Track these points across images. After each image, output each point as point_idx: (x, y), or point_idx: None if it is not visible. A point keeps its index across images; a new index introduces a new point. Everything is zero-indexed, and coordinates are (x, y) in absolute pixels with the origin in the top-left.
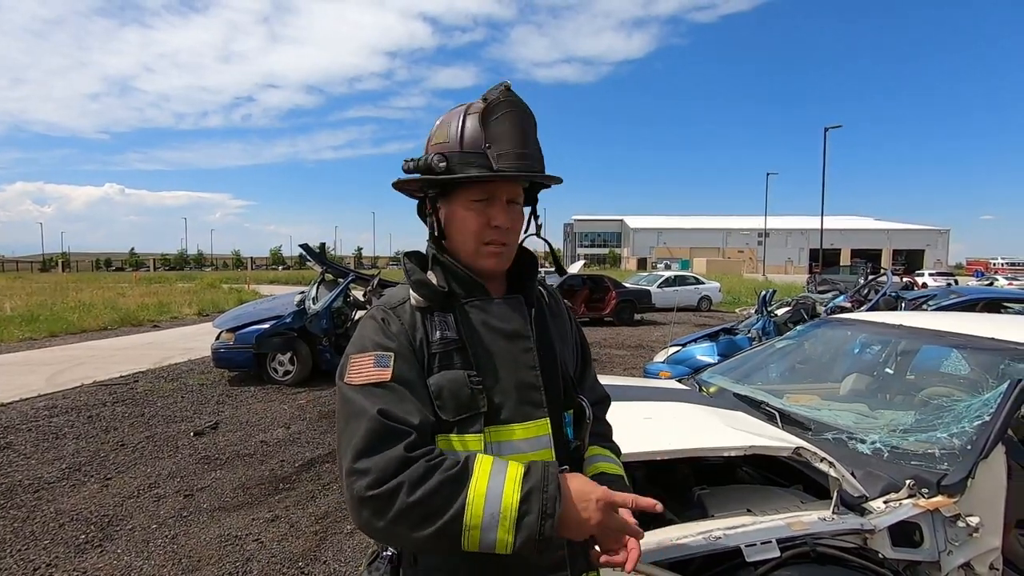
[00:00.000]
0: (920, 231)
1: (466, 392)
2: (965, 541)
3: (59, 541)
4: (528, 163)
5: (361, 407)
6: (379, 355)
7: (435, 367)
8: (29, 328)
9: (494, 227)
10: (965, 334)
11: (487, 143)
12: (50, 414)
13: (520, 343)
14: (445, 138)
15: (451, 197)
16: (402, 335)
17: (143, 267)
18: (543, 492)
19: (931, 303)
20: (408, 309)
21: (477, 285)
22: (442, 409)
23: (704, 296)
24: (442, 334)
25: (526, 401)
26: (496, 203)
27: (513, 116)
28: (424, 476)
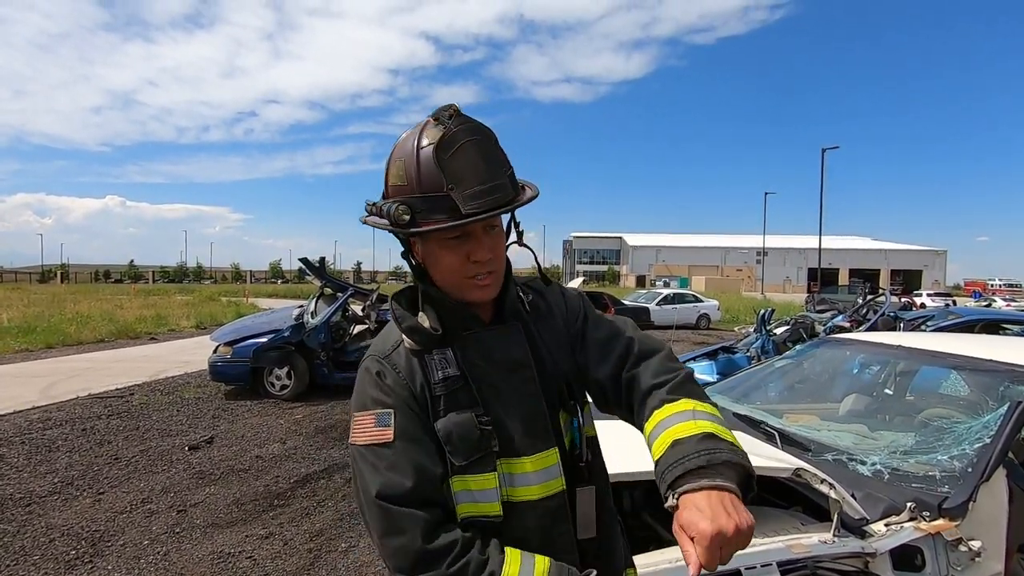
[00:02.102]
0: (917, 251)
1: (476, 434)
2: (967, 566)
3: (49, 556)
4: (498, 196)
5: (366, 480)
6: (379, 413)
7: (441, 410)
8: (25, 339)
9: (475, 262)
10: (964, 355)
11: (449, 184)
12: (44, 427)
13: (522, 373)
14: (403, 179)
15: (425, 236)
16: (399, 385)
17: (142, 279)
18: None
19: (930, 324)
20: (403, 353)
21: (472, 317)
22: (453, 454)
23: (703, 314)
24: (443, 373)
25: (533, 433)
26: (472, 238)
27: (472, 146)
28: None
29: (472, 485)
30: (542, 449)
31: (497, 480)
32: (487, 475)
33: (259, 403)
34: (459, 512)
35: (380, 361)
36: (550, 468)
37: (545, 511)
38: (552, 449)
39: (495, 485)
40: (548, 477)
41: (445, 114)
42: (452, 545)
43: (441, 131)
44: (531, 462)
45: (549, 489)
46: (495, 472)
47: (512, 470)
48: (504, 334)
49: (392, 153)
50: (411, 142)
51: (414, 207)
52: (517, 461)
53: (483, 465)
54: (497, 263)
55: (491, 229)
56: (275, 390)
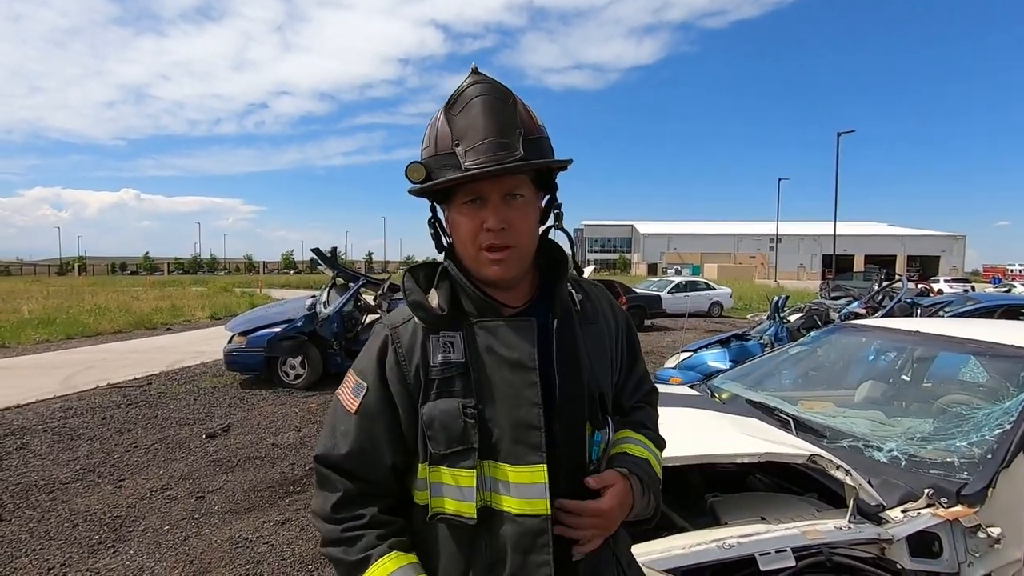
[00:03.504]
0: (935, 237)
1: (459, 425)
2: (986, 552)
3: (73, 541)
4: (504, 152)
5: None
6: (358, 383)
7: (432, 394)
8: (46, 331)
9: (487, 230)
10: (984, 341)
11: (456, 140)
12: (65, 415)
13: (522, 375)
14: (426, 143)
15: (448, 205)
16: (393, 363)
17: (157, 271)
18: None
19: (947, 310)
20: (410, 329)
21: (488, 304)
22: (432, 440)
23: (715, 302)
24: (445, 357)
25: (521, 441)
26: (487, 204)
27: (480, 102)
28: (335, 543)
29: (447, 479)
30: (529, 463)
31: (475, 480)
32: (464, 472)
33: (274, 392)
34: (432, 506)
35: (387, 333)
36: (535, 485)
37: (523, 529)
38: (539, 466)
39: (472, 485)
40: (533, 494)
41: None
42: (358, 517)
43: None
44: (514, 472)
45: (531, 507)
46: (474, 471)
47: (496, 475)
48: (516, 328)
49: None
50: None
51: (429, 167)
52: (498, 467)
53: (462, 459)
54: (515, 237)
55: (510, 198)
56: (289, 379)
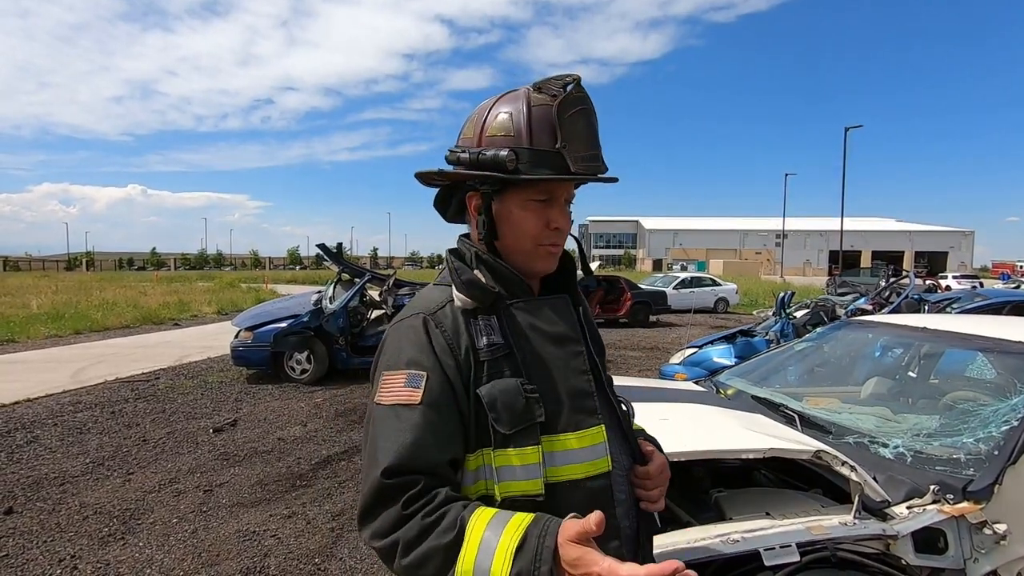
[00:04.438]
0: (943, 232)
1: (521, 402)
2: (992, 549)
3: (83, 533)
4: (598, 164)
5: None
6: (411, 374)
7: (484, 376)
8: (55, 326)
9: (554, 229)
10: (992, 337)
11: (562, 142)
12: (75, 409)
13: (570, 347)
14: (507, 131)
15: (506, 195)
16: (444, 347)
17: (164, 267)
18: (534, 573)
19: (955, 306)
20: (450, 313)
21: (523, 285)
22: (498, 422)
23: (721, 298)
24: (488, 339)
25: (579, 409)
26: (556, 204)
27: (586, 114)
28: (418, 538)
29: (515, 460)
30: (589, 425)
31: (540, 455)
32: (531, 449)
33: (280, 387)
34: (499, 491)
35: (426, 318)
36: (597, 446)
37: (588, 492)
38: (599, 426)
39: (538, 460)
40: (594, 456)
41: (560, 82)
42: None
43: (555, 95)
44: (576, 439)
45: (595, 468)
46: (538, 447)
47: (553, 448)
48: (553, 306)
49: (483, 108)
50: (518, 101)
51: (520, 157)
52: (559, 438)
53: (527, 437)
54: (565, 237)
55: (568, 203)
56: (295, 374)
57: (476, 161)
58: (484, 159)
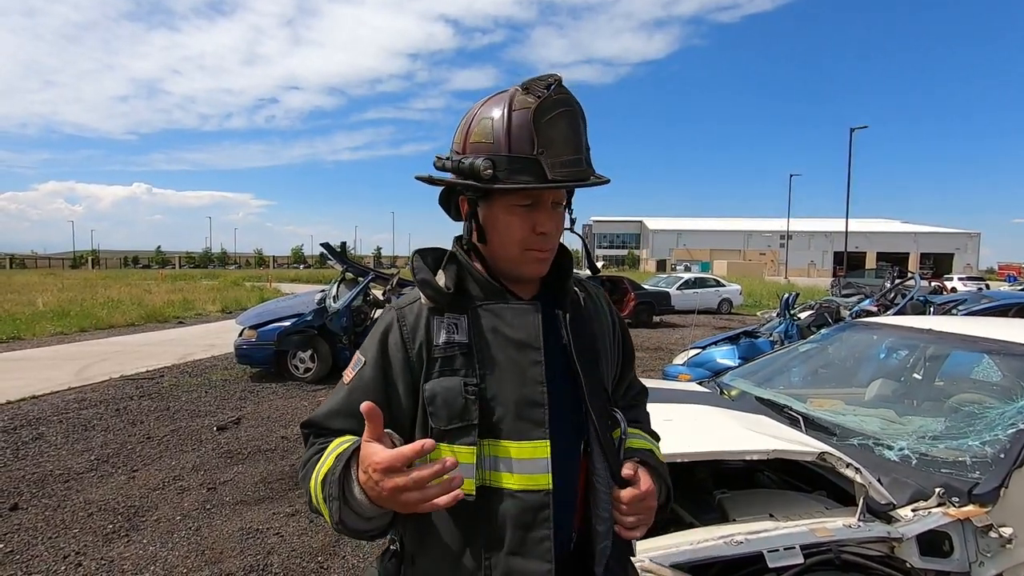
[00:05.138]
0: (949, 234)
1: (460, 402)
2: (997, 552)
3: (88, 530)
4: (581, 169)
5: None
6: (359, 358)
7: (435, 372)
8: (60, 323)
9: (539, 234)
10: (998, 339)
11: (539, 148)
12: (79, 407)
13: (528, 354)
14: (488, 137)
15: (491, 200)
16: (397, 342)
17: (169, 265)
18: (332, 475)
19: (961, 308)
20: (416, 309)
21: (494, 289)
22: (433, 417)
23: (724, 298)
24: (448, 337)
25: (524, 418)
26: (541, 208)
27: (567, 117)
28: (305, 464)
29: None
30: (532, 438)
31: (475, 457)
32: (464, 449)
33: (283, 385)
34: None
35: (393, 312)
36: (537, 460)
37: (523, 505)
38: (543, 442)
39: (472, 461)
40: (536, 469)
41: (542, 83)
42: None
43: (539, 97)
44: (516, 447)
45: (532, 482)
46: (474, 448)
47: (496, 453)
48: (522, 311)
49: (471, 112)
50: (502, 104)
51: (498, 165)
52: (501, 444)
53: (462, 436)
54: (555, 241)
55: (556, 206)
56: (299, 373)
57: (457, 168)
58: (463, 167)
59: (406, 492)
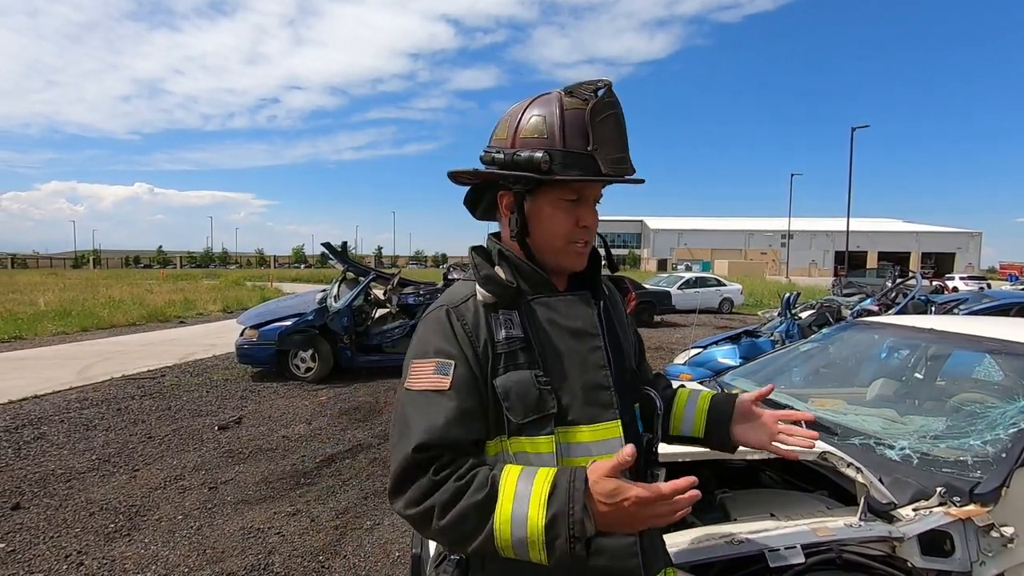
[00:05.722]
0: (951, 233)
1: (534, 393)
2: (999, 552)
3: (89, 529)
4: (626, 166)
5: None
6: (440, 362)
7: (500, 368)
8: (62, 323)
9: (582, 227)
10: (1000, 339)
11: (594, 145)
12: (81, 406)
13: (587, 341)
14: (541, 133)
15: (538, 194)
16: (464, 338)
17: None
18: (569, 516)
19: (963, 307)
20: (471, 307)
21: (544, 281)
22: (511, 411)
23: (726, 298)
24: (507, 332)
25: (594, 402)
26: (585, 203)
27: (617, 117)
28: (452, 499)
29: (528, 448)
30: (604, 420)
31: (554, 446)
32: (543, 439)
33: (285, 385)
34: None
35: (449, 311)
36: (610, 440)
37: None
38: (614, 422)
39: (551, 450)
40: (608, 450)
41: (591, 87)
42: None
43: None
44: (590, 431)
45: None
46: (552, 437)
47: (568, 439)
48: (573, 302)
49: (515, 111)
50: (551, 103)
51: (554, 158)
52: (573, 430)
53: (539, 427)
54: (593, 235)
55: (595, 202)
56: (300, 372)
57: (511, 162)
58: (519, 160)
59: (658, 515)
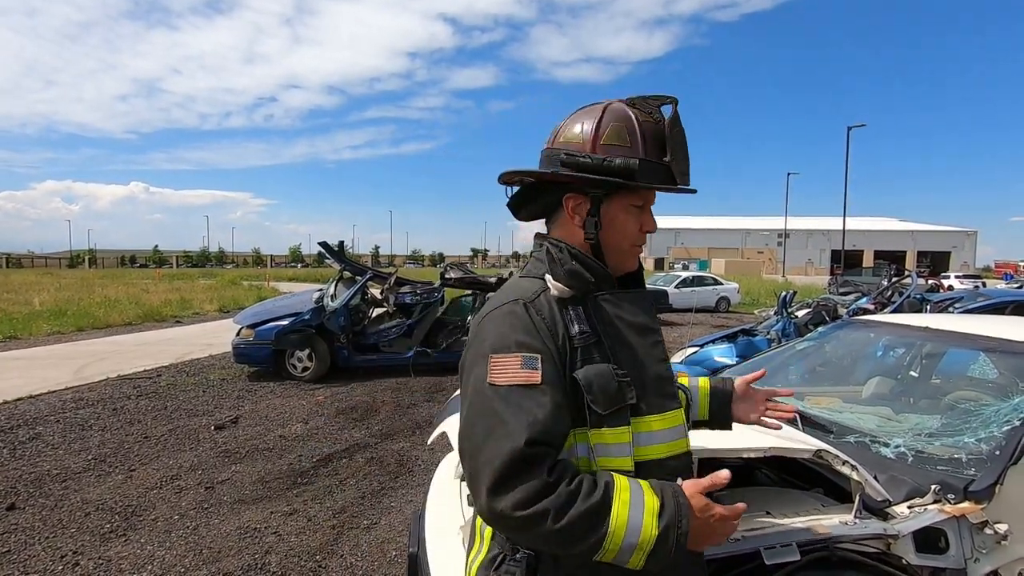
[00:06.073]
0: (946, 232)
1: (614, 385)
2: (992, 549)
3: (85, 530)
4: (688, 177)
5: (508, 421)
6: (526, 356)
7: (578, 361)
8: (57, 323)
9: (644, 232)
10: (994, 337)
11: (670, 157)
12: (76, 406)
13: (650, 336)
14: (624, 141)
15: (613, 199)
16: (546, 332)
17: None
18: (678, 528)
19: (958, 306)
20: (545, 302)
21: (610, 280)
22: (595, 403)
23: (722, 297)
24: (579, 327)
25: (661, 393)
26: (647, 210)
27: (683, 132)
28: (567, 503)
29: (609, 439)
30: (670, 408)
31: (629, 436)
32: (622, 429)
33: (281, 385)
34: (598, 466)
35: (527, 305)
36: (677, 427)
37: (671, 471)
38: (679, 410)
39: (628, 440)
40: (675, 436)
41: (657, 102)
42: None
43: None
44: (659, 421)
45: (675, 448)
46: (628, 427)
47: (639, 429)
48: (636, 299)
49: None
50: (628, 113)
51: (641, 167)
52: (644, 420)
53: (619, 418)
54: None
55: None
56: (297, 372)
57: (601, 167)
58: (614, 166)
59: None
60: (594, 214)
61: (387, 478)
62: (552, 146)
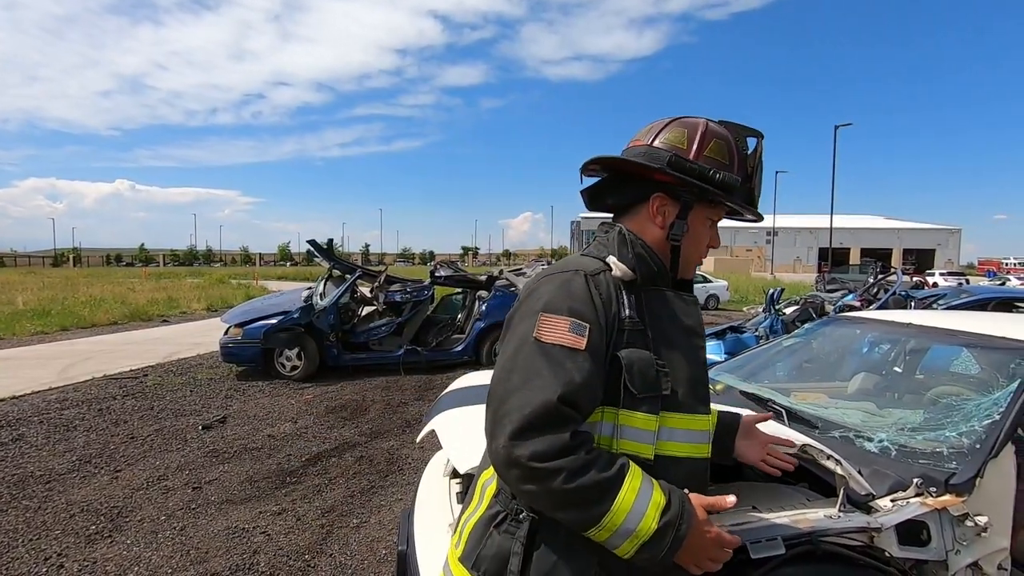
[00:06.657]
0: (931, 230)
1: (652, 372)
2: (973, 541)
3: (70, 531)
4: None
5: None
6: (576, 322)
7: (623, 343)
8: (41, 322)
9: (709, 247)
10: (976, 333)
11: (755, 180)
12: (61, 407)
13: (695, 340)
14: (724, 156)
15: (697, 208)
16: (601, 307)
17: (153, 263)
18: (676, 529)
19: (941, 302)
20: (605, 280)
21: (667, 278)
22: (631, 383)
23: (711, 294)
24: (630, 312)
25: (694, 395)
26: (715, 227)
27: (762, 165)
28: (583, 469)
29: (639, 423)
30: (700, 412)
31: (656, 426)
32: (652, 416)
33: (270, 384)
34: (619, 447)
35: (588, 277)
36: (703, 432)
37: (687, 472)
38: (709, 416)
39: (654, 429)
40: (699, 440)
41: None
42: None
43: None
44: (687, 420)
45: (696, 451)
46: (655, 417)
47: (666, 423)
48: (690, 302)
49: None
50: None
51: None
52: (672, 416)
53: (651, 406)
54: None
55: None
56: (286, 371)
57: (706, 175)
58: (722, 179)
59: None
60: (683, 217)
61: (376, 477)
62: (653, 145)
